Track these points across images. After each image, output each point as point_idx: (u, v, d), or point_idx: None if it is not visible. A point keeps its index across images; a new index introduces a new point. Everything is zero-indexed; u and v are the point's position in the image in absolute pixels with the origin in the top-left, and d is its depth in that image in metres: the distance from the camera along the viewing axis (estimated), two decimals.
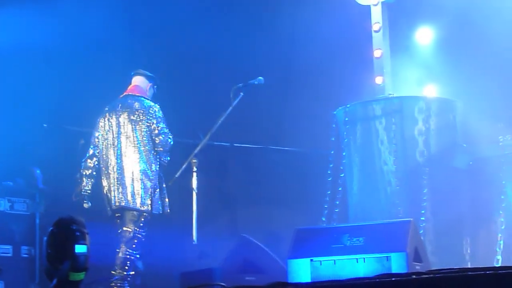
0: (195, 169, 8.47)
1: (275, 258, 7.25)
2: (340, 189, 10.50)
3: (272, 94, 10.85)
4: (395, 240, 6.29)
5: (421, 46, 11.82)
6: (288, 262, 6.69)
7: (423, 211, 9.73)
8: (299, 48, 11.20)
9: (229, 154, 8.75)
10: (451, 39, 11.53)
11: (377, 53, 11.01)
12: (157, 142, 8.20)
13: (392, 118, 10.16)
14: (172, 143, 8.31)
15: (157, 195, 8.10)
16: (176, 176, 8.36)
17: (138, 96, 8.49)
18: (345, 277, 3.29)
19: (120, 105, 8.48)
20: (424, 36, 11.89)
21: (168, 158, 8.27)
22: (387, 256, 6.17)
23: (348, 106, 10.58)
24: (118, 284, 7.79)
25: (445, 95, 10.84)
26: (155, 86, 8.74)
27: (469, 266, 9.00)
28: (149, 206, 8.04)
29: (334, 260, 6.45)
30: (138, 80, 8.66)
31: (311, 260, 6.54)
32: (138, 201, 8.09)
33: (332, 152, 10.70)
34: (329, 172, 10.64)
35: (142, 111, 8.28)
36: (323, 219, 10.44)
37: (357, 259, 6.32)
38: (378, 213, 9.68)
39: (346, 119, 10.55)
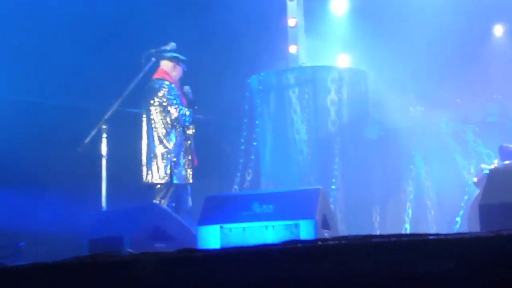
0: (105, 135, 8.34)
1: (185, 226, 7.22)
2: (252, 157, 10.52)
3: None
4: (304, 207, 6.33)
5: (335, 17, 11.88)
6: (198, 229, 6.67)
7: (334, 180, 9.84)
8: (213, 15, 11.11)
9: (140, 121, 8.62)
10: (365, 11, 11.62)
11: (291, 22, 11.03)
12: (173, 118, 8.58)
13: (305, 88, 10.21)
14: (186, 119, 8.65)
15: (179, 167, 8.51)
16: (86, 142, 8.21)
17: (157, 78, 8.80)
18: (254, 243, 3.27)
19: (146, 89, 8.86)
20: (339, 6, 11.95)
21: (189, 125, 8.68)
22: (295, 223, 6.21)
23: (262, 74, 10.58)
24: None
25: (357, 65, 10.93)
26: (180, 63, 8.96)
27: (378, 234, 9.14)
28: (169, 177, 8.48)
29: (244, 227, 6.45)
30: (162, 64, 8.93)
31: (221, 227, 6.53)
32: (156, 176, 8.52)
33: (245, 121, 10.69)
34: (242, 140, 10.65)
35: (156, 92, 8.65)
36: (236, 187, 10.45)
37: (266, 226, 6.34)
38: (290, 181, 9.76)
39: (260, 87, 10.55)
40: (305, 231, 6.17)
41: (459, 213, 9.59)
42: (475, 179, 7.88)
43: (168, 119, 8.60)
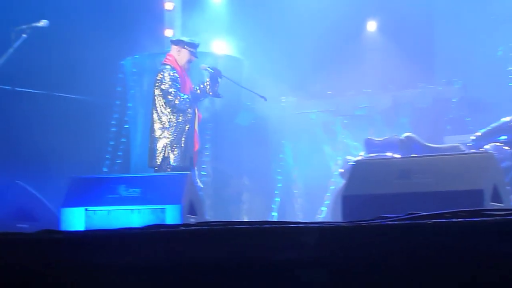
0: None
1: (49, 207, 7.08)
2: (123, 140, 10.41)
3: (60, 39, 10.51)
4: (170, 192, 6.32)
5: (213, 3, 11.87)
6: (62, 210, 6.56)
7: (204, 166, 9.87)
8: None
9: (10, 99, 8.39)
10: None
11: (168, 6, 10.96)
12: (170, 103, 8.52)
13: None
14: (183, 103, 8.51)
15: (177, 150, 8.43)
16: None
17: (162, 63, 8.78)
18: (119, 227, 3.24)
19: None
20: None
21: (187, 109, 8.56)
22: (162, 208, 6.20)
23: (136, 56, 10.48)
24: None
25: (233, 53, 10.97)
26: (185, 46, 8.77)
27: (246, 220, 9.25)
28: (167, 161, 8.36)
29: (109, 210, 6.39)
30: (171, 48, 8.85)
31: (86, 209, 6.44)
32: (156, 159, 8.44)
33: (118, 103, 10.57)
34: (113, 122, 10.52)
35: (157, 76, 8.65)
36: (105, 169, 10.33)
37: (132, 210, 6.31)
38: None
39: (134, 70, 10.46)
40: (171, 216, 6.17)
41: (324, 202, 9.79)
42: (341, 170, 8.07)
43: (166, 103, 8.56)
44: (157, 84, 8.59)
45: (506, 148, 7.24)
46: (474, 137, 7.60)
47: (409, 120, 10.54)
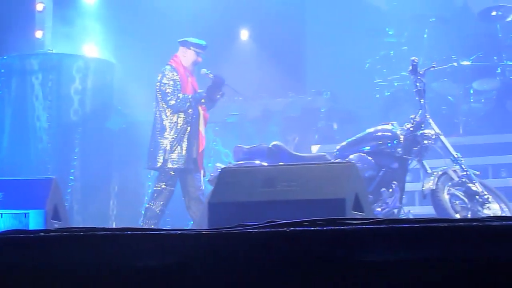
0: None
1: None
2: None
3: None
4: (34, 197, 6.20)
5: (86, 5, 11.70)
6: None
7: (72, 170, 9.74)
8: None
9: None
10: (117, 2, 11.57)
11: (39, 7, 10.76)
12: (168, 103, 8.50)
13: (49, 75, 10.03)
14: (180, 104, 8.44)
15: (177, 150, 8.43)
16: None
17: (167, 63, 8.70)
18: None
19: None
20: None
21: (186, 110, 8.48)
22: (25, 213, 6.08)
23: (4, 57, 10.25)
24: None
25: (104, 56, 10.86)
26: (191, 47, 8.70)
27: (114, 226, 9.15)
28: (168, 161, 8.41)
29: None
30: (179, 49, 8.78)
31: None
32: (156, 160, 8.47)
33: None
34: None
35: (157, 76, 8.64)
36: None
37: None
38: (27, 169, 9.51)
39: (2, 71, 10.21)
40: (35, 221, 6.06)
41: None
42: (210, 177, 8.12)
43: (164, 104, 8.52)
44: (156, 85, 8.60)
45: (370, 158, 7.44)
46: (339, 147, 7.78)
47: (280, 129, 10.71)
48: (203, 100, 8.58)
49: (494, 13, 10.35)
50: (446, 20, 10.94)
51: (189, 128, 8.55)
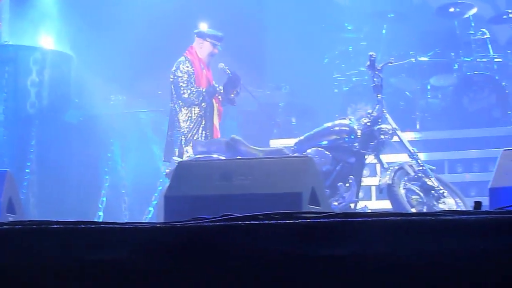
0: None
1: None
2: None
3: None
4: None
5: None
6: None
7: (29, 163, 9.65)
8: None
9: None
10: None
11: None
12: (182, 97, 8.42)
13: (5, 67, 9.91)
14: (193, 97, 8.39)
15: (188, 142, 8.33)
16: None
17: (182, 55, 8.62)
18: None
19: None
20: None
21: (200, 103, 8.45)
22: None
23: None
24: None
25: (62, 49, 10.75)
26: (207, 39, 8.64)
27: (71, 220, 9.08)
28: (183, 155, 8.31)
29: None
30: (195, 40, 8.75)
31: None
32: (173, 152, 8.42)
33: None
34: None
35: (172, 68, 8.55)
36: None
37: None
38: None
39: None
40: None
41: (152, 203, 9.78)
42: (167, 171, 8.10)
43: (177, 96, 8.46)
44: (170, 77, 8.52)
45: (327, 153, 7.48)
46: (297, 141, 7.80)
47: (238, 123, 10.71)
48: (219, 97, 8.57)
49: (452, 9, 10.45)
50: (405, 16, 11.03)
51: (203, 122, 8.53)
